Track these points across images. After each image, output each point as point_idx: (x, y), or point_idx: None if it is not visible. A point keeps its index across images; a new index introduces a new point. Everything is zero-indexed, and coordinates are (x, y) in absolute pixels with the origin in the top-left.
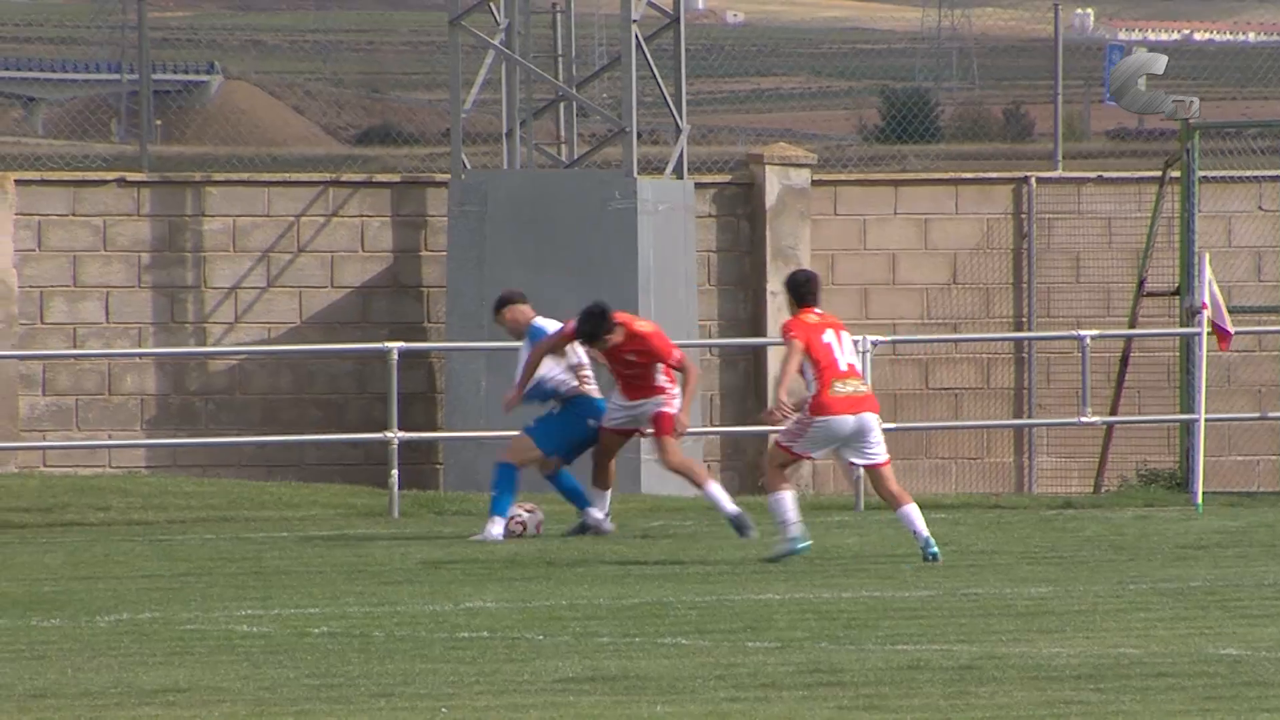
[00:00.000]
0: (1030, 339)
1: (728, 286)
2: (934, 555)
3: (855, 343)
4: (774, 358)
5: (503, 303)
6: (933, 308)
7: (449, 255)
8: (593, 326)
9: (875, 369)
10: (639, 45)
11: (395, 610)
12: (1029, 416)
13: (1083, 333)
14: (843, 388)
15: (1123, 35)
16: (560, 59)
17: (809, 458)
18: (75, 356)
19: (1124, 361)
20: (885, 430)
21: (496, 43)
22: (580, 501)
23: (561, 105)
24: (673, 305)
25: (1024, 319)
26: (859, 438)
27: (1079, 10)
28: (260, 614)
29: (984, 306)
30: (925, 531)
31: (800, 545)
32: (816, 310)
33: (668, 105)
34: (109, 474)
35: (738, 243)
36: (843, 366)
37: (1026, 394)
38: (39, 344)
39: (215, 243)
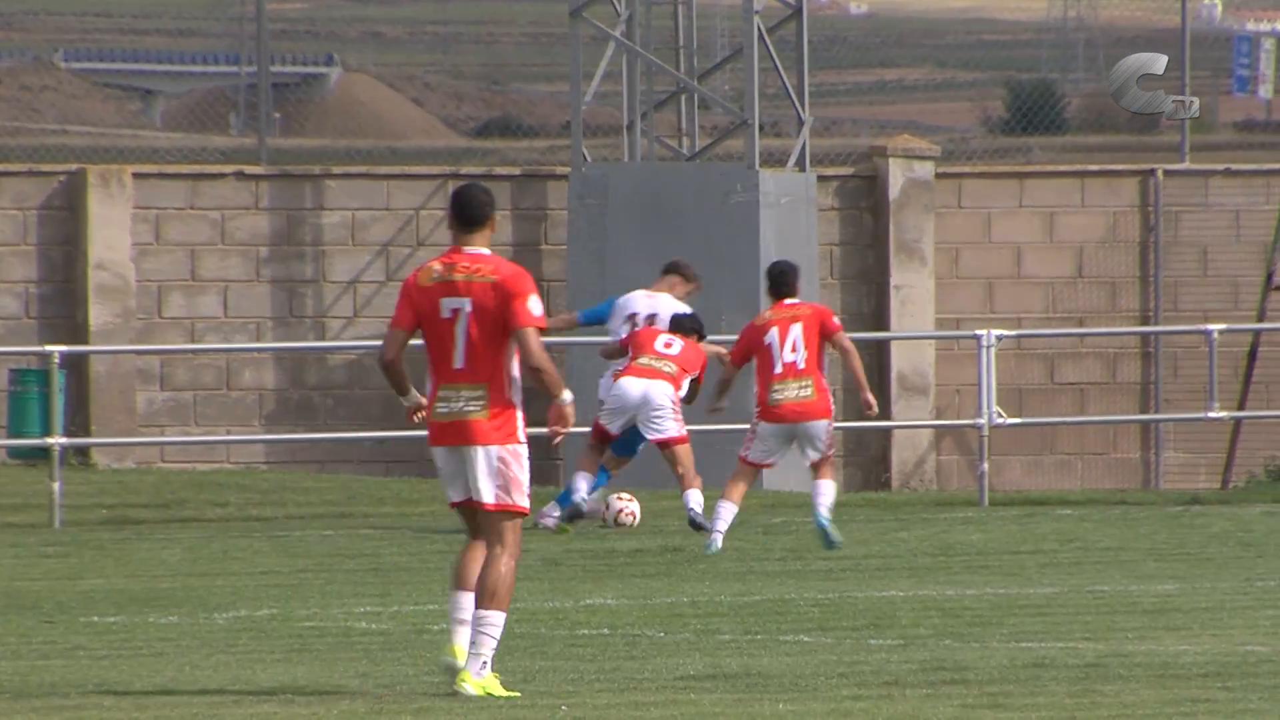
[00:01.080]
0: (1157, 333)
1: (850, 280)
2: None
3: (979, 339)
4: (898, 352)
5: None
6: (1058, 302)
7: (569, 249)
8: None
9: (999, 363)
10: (761, 36)
11: (514, 607)
12: (1155, 412)
13: (1210, 327)
14: (780, 393)
15: (1250, 25)
16: (681, 50)
17: (765, 465)
18: (193, 351)
19: (1252, 356)
20: (1012, 425)
21: (617, 34)
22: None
23: (682, 97)
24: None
25: (1150, 313)
26: (808, 443)
27: (1206, 1)
28: (379, 611)
29: (1110, 300)
30: (826, 512)
31: (710, 549)
32: (789, 301)
33: (790, 97)
34: (227, 469)
35: (860, 236)
36: (777, 369)
37: (1153, 389)
38: (157, 339)
39: (334, 236)
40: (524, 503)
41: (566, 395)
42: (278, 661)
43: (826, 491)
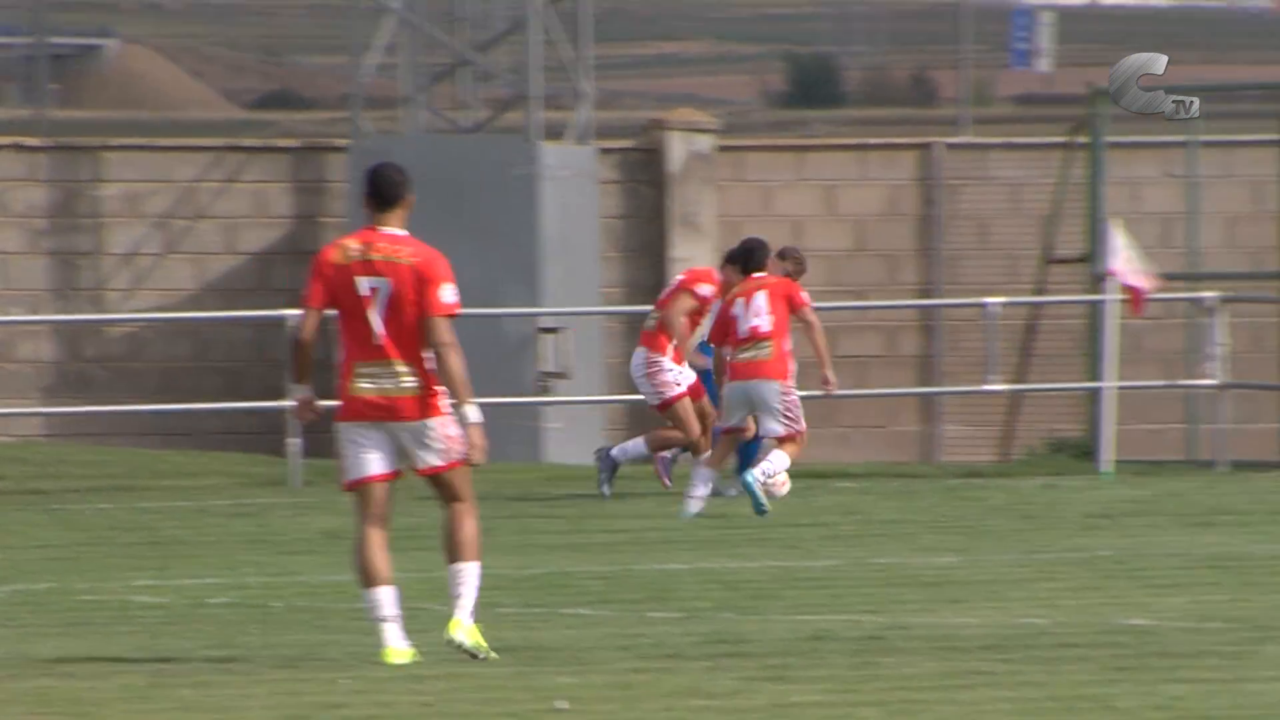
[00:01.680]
0: (936, 306)
1: (631, 253)
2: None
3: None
4: None
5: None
6: (838, 275)
7: (349, 222)
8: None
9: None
10: (541, 9)
11: (295, 581)
12: (935, 385)
13: (989, 300)
14: (739, 354)
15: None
16: (461, 23)
17: (740, 430)
18: None
19: (1031, 329)
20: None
21: (396, 6)
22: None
23: (463, 70)
24: (576, 272)
25: (930, 286)
26: (760, 405)
27: None
28: (158, 584)
29: (890, 274)
30: (761, 475)
31: (686, 514)
32: (758, 275)
33: (570, 70)
34: (4, 442)
35: (641, 209)
36: (742, 333)
37: (933, 362)
38: None
39: (113, 208)
40: (465, 453)
41: (473, 412)
42: (57, 635)
43: (777, 460)
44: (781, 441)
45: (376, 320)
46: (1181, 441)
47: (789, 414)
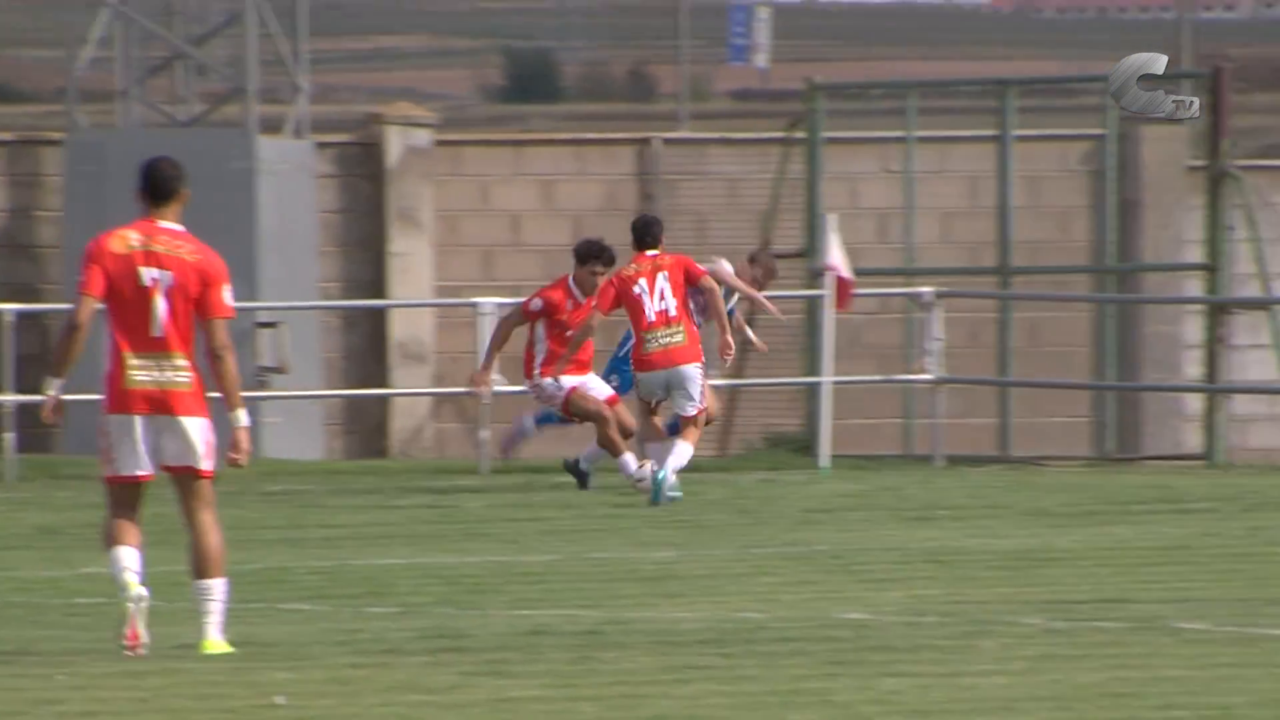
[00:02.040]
0: None
1: (349, 247)
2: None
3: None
4: (397, 320)
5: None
6: (556, 269)
7: (66, 216)
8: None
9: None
10: (257, 3)
11: (10, 576)
12: None
13: None
14: (652, 341)
15: None
16: (177, 16)
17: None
18: None
19: (749, 324)
20: (509, 393)
21: None
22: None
23: (179, 63)
24: (293, 267)
25: None
26: (678, 387)
27: None
28: None
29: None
30: (672, 473)
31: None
32: (650, 253)
33: (287, 64)
34: None
35: (358, 203)
36: (650, 317)
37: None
38: None
39: None
40: (225, 459)
41: (244, 416)
42: None
43: (681, 452)
44: (684, 426)
45: (160, 311)
46: (899, 436)
47: (701, 393)
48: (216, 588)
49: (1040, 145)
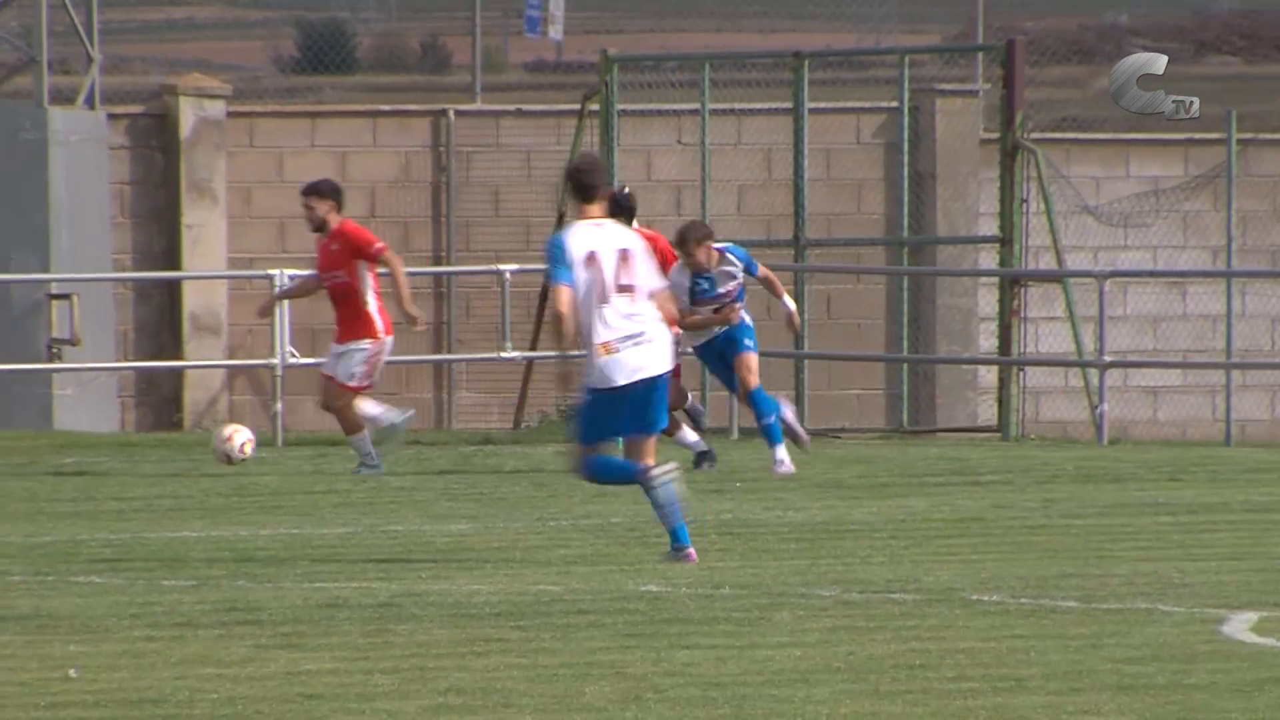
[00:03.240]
0: (450, 273)
1: (142, 219)
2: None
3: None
4: (190, 292)
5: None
6: None
7: None
8: None
9: (297, 305)
10: None
11: None
12: (449, 352)
13: (503, 267)
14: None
15: None
16: None
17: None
18: None
19: (543, 296)
20: (305, 365)
21: None
22: None
23: None
24: (86, 238)
25: (443, 253)
26: None
27: None
28: None
29: (403, 241)
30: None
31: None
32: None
33: (79, 34)
34: None
35: (152, 175)
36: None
37: (446, 329)
38: None
39: None
40: None
41: None
42: None
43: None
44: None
45: None
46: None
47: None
48: None
49: (834, 118)
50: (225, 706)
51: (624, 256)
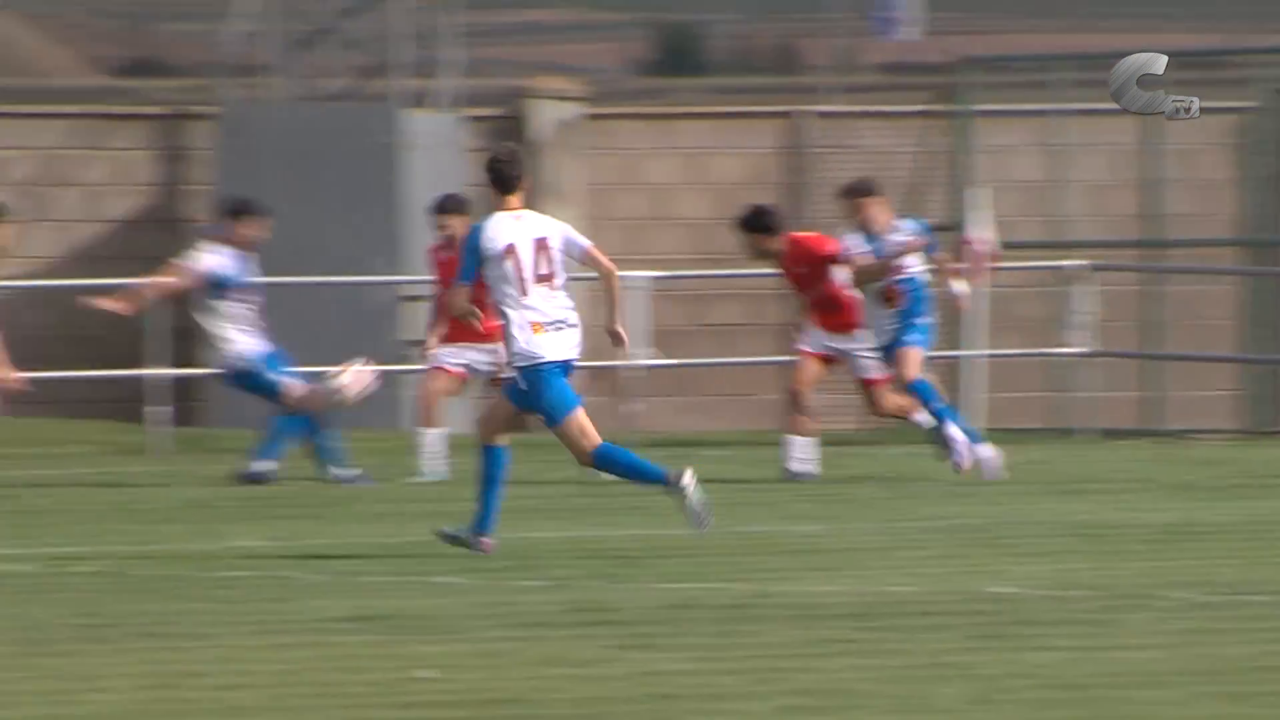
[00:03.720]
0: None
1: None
2: None
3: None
4: None
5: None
6: (703, 243)
7: (217, 189)
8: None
9: (648, 305)
10: None
11: (159, 549)
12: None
13: None
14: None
15: None
16: None
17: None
18: None
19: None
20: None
21: None
22: None
23: (327, 37)
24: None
25: None
26: None
27: None
28: (22, 553)
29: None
30: None
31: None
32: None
33: (436, 37)
34: None
35: None
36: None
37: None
38: None
39: None
40: None
41: None
42: None
43: None
44: None
45: None
46: (1047, 409)
47: None
48: None
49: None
50: (578, 707)
51: (541, 246)
